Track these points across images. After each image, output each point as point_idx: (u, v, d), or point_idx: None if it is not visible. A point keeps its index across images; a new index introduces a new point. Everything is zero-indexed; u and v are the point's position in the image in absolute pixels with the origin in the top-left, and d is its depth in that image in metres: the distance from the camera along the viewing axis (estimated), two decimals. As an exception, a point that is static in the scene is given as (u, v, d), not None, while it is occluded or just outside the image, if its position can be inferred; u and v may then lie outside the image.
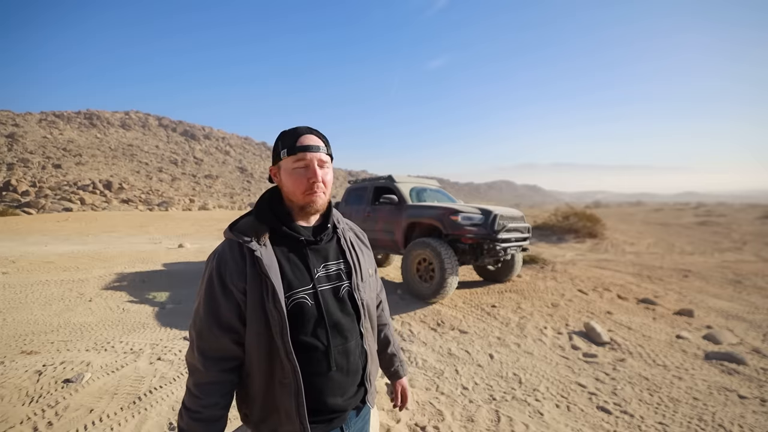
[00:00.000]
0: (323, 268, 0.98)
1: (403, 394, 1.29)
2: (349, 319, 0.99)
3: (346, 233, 1.07)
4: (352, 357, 0.98)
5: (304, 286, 0.93)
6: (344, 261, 1.02)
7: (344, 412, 0.98)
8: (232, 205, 45.45)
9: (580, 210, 13.91)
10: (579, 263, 7.74)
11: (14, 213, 21.13)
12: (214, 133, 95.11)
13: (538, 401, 2.65)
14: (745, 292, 5.61)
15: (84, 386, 2.60)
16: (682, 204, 35.66)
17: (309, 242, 0.97)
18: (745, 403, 2.64)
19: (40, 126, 64.84)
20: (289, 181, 0.95)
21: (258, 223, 0.95)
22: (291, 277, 0.92)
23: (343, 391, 0.96)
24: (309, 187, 0.93)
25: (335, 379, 0.94)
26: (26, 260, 6.98)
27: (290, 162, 0.94)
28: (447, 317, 4.37)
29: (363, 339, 1.03)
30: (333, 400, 0.94)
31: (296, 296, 0.91)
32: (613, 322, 4.28)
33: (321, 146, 0.96)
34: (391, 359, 1.27)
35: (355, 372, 1.00)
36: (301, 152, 0.92)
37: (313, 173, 0.93)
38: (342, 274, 1.00)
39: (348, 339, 0.98)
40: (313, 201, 0.94)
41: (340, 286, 0.99)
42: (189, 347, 0.94)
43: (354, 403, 1.01)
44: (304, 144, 0.93)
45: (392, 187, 5.73)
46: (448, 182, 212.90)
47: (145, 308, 4.54)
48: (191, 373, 0.91)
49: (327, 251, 1.00)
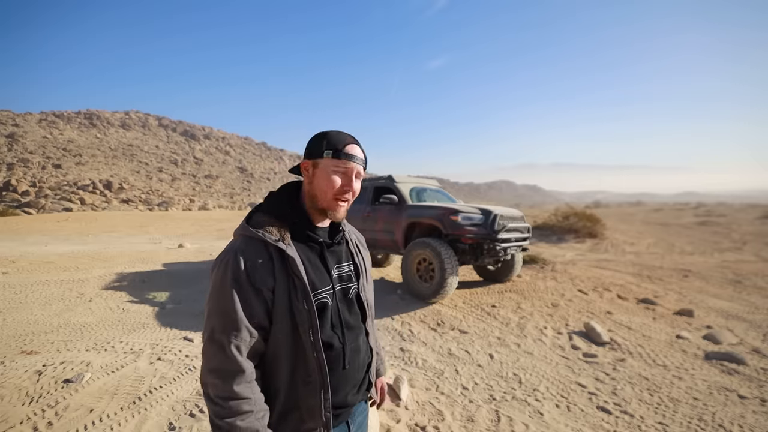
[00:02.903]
0: (337, 269, 1.02)
1: (382, 392, 1.32)
2: (356, 319, 1.04)
3: (351, 236, 1.11)
4: (360, 355, 1.03)
5: (325, 286, 0.96)
6: (353, 263, 1.07)
7: (351, 407, 1.02)
8: (232, 205, 45.45)
9: (580, 210, 13.91)
10: (579, 263, 7.74)
11: (14, 213, 21.13)
12: (214, 133, 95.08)
13: (538, 401, 2.65)
14: (745, 292, 5.61)
15: (84, 386, 2.60)
16: (682, 204, 35.66)
17: (326, 244, 1.00)
18: (745, 403, 2.65)
19: (40, 126, 64.82)
20: (323, 181, 0.95)
21: (279, 222, 0.95)
22: (314, 277, 0.94)
23: (353, 387, 1.01)
24: (341, 192, 0.95)
25: (348, 375, 0.99)
26: (26, 260, 6.97)
27: (331, 164, 0.94)
28: (447, 317, 4.37)
29: (369, 337, 1.09)
30: (345, 397, 0.98)
31: (320, 296, 0.94)
32: (613, 322, 4.28)
33: (363, 159, 0.99)
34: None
35: (362, 368, 1.05)
36: (346, 159, 0.94)
37: (349, 182, 0.96)
38: (351, 276, 1.05)
39: (358, 337, 1.04)
40: (338, 208, 0.97)
41: (350, 287, 1.04)
42: (213, 354, 0.85)
43: (360, 398, 1.06)
44: (351, 153, 0.95)
45: (392, 187, 5.73)
46: (448, 182, 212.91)
47: (145, 308, 4.54)
48: (227, 378, 0.83)
49: (340, 253, 1.05)
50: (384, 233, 5.53)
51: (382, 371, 1.32)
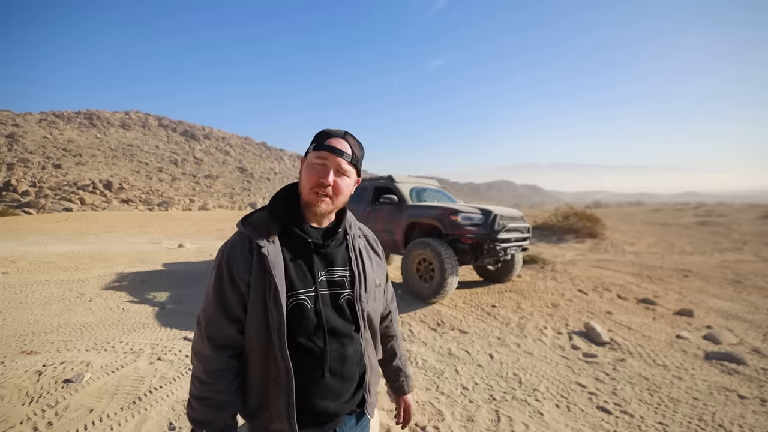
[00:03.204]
0: (327, 273, 0.97)
1: (407, 411, 1.25)
2: (347, 327, 0.97)
3: (355, 240, 1.05)
4: (348, 364, 0.97)
5: (306, 288, 0.92)
6: (350, 268, 1.00)
7: (338, 416, 0.97)
8: (232, 205, 45.45)
9: (580, 210, 13.91)
10: (579, 263, 7.74)
11: (14, 213, 21.13)
12: (214, 133, 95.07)
13: (538, 401, 2.65)
14: (745, 292, 5.61)
15: (84, 386, 2.60)
16: (682, 204, 35.65)
17: (316, 245, 0.96)
18: (745, 403, 2.64)
19: (40, 126, 64.81)
20: (304, 173, 0.96)
21: (270, 220, 0.95)
22: (294, 277, 0.91)
23: (336, 396, 0.95)
24: (316, 185, 0.92)
25: (329, 384, 0.93)
26: (26, 260, 6.97)
27: (313, 156, 0.94)
28: (447, 317, 4.37)
29: (363, 349, 1.01)
30: (325, 404, 0.93)
31: (297, 297, 0.91)
32: (613, 322, 4.28)
33: (347, 153, 0.94)
34: (396, 373, 1.23)
35: (351, 379, 0.98)
36: (326, 151, 0.93)
37: (325, 174, 0.92)
38: (346, 282, 0.99)
39: (346, 346, 0.97)
40: (318, 202, 0.93)
41: (341, 293, 0.98)
42: (197, 336, 0.94)
43: (348, 409, 0.99)
44: (332, 145, 0.93)
45: (392, 187, 5.73)
46: (448, 182, 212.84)
47: (145, 308, 4.54)
48: (201, 360, 0.91)
49: (334, 256, 0.99)
50: (384, 233, 5.53)
51: (406, 388, 1.24)
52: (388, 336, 1.21)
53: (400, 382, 1.23)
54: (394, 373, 1.23)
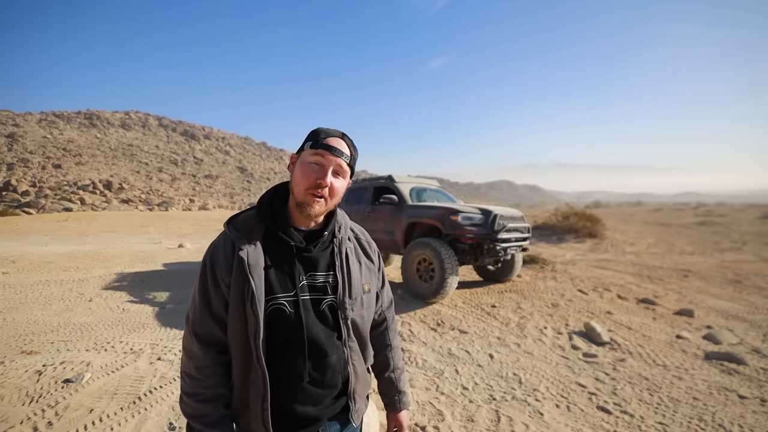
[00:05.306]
0: (309, 277, 0.93)
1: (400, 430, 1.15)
2: (330, 334, 0.94)
3: (343, 244, 0.99)
4: (330, 372, 0.94)
5: (286, 292, 0.90)
6: (333, 273, 0.96)
7: (319, 420, 0.94)
8: (232, 205, 45.45)
9: (580, 210, 13.91)
10: (579, 263, 7.74)
11: (14, 213, 21.14)
12: (214, 133, 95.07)
13: (538, 401, 2.65)
14: (745, 292, 5.61)
15: (84, 386, 2.60)
16: (682, 204, 35.64)
17: (299, 249, 0.93)
18: (745, 403, 2.65)
19: (40, 126, 64.84)
20: (299, 172, 0.92)
21: (255, 221, 0.94)
22: (274, 281, 0.89)
23: (315, 402, 0.93)
24: (313, 185, 0.89)
25: (308, 390, 0.91)
26: (26, 260, 6.97)
27: (308, 155, 0.91)
28: (447, 317, 4.37)
29: (347, 357, 0.96)
30: (304, 409, 0.92)
31: (276, 301, 0.89)
32: (613, 322, 4.28)
33: (346, 154, 0.92)
34: (387, 386, 1.16)
35: (331, 387, 0.95)
36: (323, 150, 0.90)
37: (323, 174, 0.90)
38: (328, 287, 0.94)
39: (328, 353, 0.93)
40: (312, 203, 0.90)
41: (323, 299, 0.94)
42: (185, 333, 0.94)
43: (331, 413, 0.96)
44: (330, 144, 0.91)
45: (392, 187, 5.73)
46: (448, 182, 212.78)
47: (145, 308, 4.54)
48: (190, 357, 0.91)
49: (317, 260, 0.95)
50: (384, 233, 5.53)
51: (398, 405, 1.15)
52: (383, 345, 1.15)
53: (391, 397, 1.16)
54: (385, 386, 1.17)
